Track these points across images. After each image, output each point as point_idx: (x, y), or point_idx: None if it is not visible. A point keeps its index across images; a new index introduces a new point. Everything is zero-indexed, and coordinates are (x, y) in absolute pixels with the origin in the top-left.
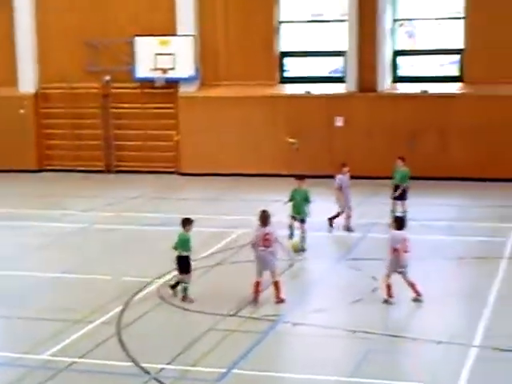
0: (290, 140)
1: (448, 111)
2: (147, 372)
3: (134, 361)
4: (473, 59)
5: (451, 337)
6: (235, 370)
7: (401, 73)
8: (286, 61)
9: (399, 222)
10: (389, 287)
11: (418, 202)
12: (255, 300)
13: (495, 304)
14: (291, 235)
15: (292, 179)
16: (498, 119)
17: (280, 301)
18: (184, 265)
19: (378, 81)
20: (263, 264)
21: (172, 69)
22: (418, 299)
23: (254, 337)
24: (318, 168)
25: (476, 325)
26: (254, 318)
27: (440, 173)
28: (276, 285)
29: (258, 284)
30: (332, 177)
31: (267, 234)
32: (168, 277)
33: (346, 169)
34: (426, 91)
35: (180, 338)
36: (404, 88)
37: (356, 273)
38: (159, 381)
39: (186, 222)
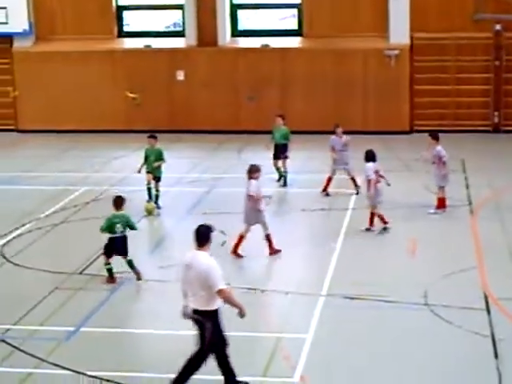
0: (131, 95)
1: (288, 65)
2: None
3: None
4: (311, 13)
5: (299, 287)
6: (84, 328)
7: (241, 26)
8: (125, 14)
9: (369, 155)
10: (381, 217)
11: (262, 155)
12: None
13: (341, 254)
14: (150, 197)
15: (134, 135)
16: (336, 73)
17: (275, 251)
18: (124, 246)
19: (218, 35)
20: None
21: (5, 23)
22: (386, 227)
23: (101, 294)
24: (159, 123)
25: (323, 275)
26: (101, 276)
27: None
28: (268, 237)
29: (241, 238)
30: (174, 131)
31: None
32: (11, 236)
33: (339, 130)
34: (266, 45)
35: (26, 298)
36: (244, 42)
37: None
38: (6, 342)
39: (119, 201)
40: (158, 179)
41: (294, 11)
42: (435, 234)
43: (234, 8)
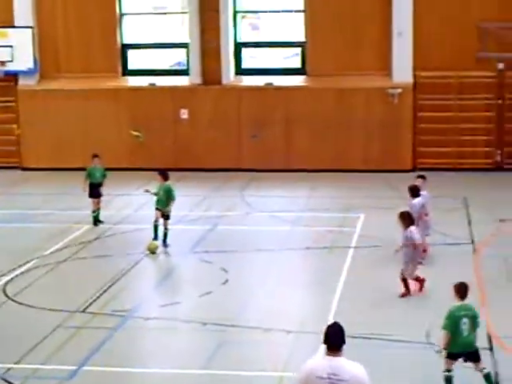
0: (134, 133)
1: (292, 104)
2: None
3: None
4: (314, 52)
5: (302, 325)
6: (86, 367)
7: (245, 65)
8: (129, 53)
9: (415, 191)
10: (425, 249)
11: (264, 193)
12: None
13: (343, 292)
14: (156, 235)
15: (137, 173)
16: (339, 111)
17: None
18: None
19: (222, 73)
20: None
21: (10, 61)
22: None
23: (104, 333)
24: (163, 161)
25: (326, 313)
26: (104, 314)
27: (285, 165)
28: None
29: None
30: (178, 170)
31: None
32: (14, 274)
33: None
34: (270, 84)
35: (27, 337)
36: (248, 80)
37: (206, 265)
38: (7, 381)
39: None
40: (167, 217)
41: (298, 50)
42: (437, 272)
43: (238, 47)
